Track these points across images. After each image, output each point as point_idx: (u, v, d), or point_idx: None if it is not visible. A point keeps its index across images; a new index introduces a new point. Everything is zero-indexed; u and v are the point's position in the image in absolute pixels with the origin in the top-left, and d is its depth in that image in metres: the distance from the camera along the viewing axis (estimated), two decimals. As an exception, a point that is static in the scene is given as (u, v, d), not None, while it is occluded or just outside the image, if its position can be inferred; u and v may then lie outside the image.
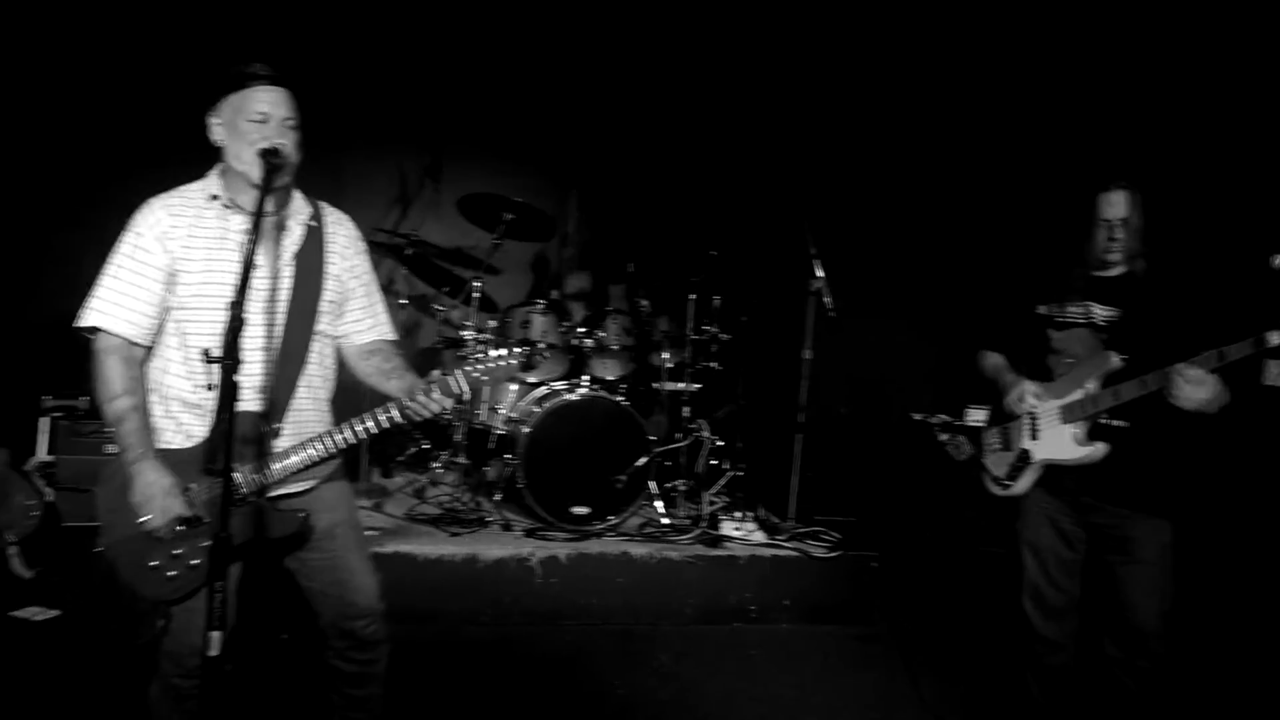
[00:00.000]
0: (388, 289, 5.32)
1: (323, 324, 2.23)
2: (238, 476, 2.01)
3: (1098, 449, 2.56)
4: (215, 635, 1.50)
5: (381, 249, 4.89)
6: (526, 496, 4.01)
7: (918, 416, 3.27)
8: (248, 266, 1.66)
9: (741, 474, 4.51)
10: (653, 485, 4.24)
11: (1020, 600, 2.78)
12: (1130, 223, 2.58)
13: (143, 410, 2.06)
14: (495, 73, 5.30)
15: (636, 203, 5.51)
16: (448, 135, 5.21)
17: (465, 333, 4.36)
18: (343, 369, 2.38)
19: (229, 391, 1.54)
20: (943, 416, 3.32)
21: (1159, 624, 2.55)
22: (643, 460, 4.10)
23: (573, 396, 4.10)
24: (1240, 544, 3.49)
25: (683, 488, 4.36)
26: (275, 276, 2.14)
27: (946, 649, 3.66)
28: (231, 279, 2.02)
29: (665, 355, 4.51)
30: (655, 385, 4.54)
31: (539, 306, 4.45)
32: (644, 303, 4.63)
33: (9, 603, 3.36)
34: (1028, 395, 2.70)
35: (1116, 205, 2.58)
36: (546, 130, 5.41)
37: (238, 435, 2.03)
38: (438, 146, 5.14)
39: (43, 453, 3.84)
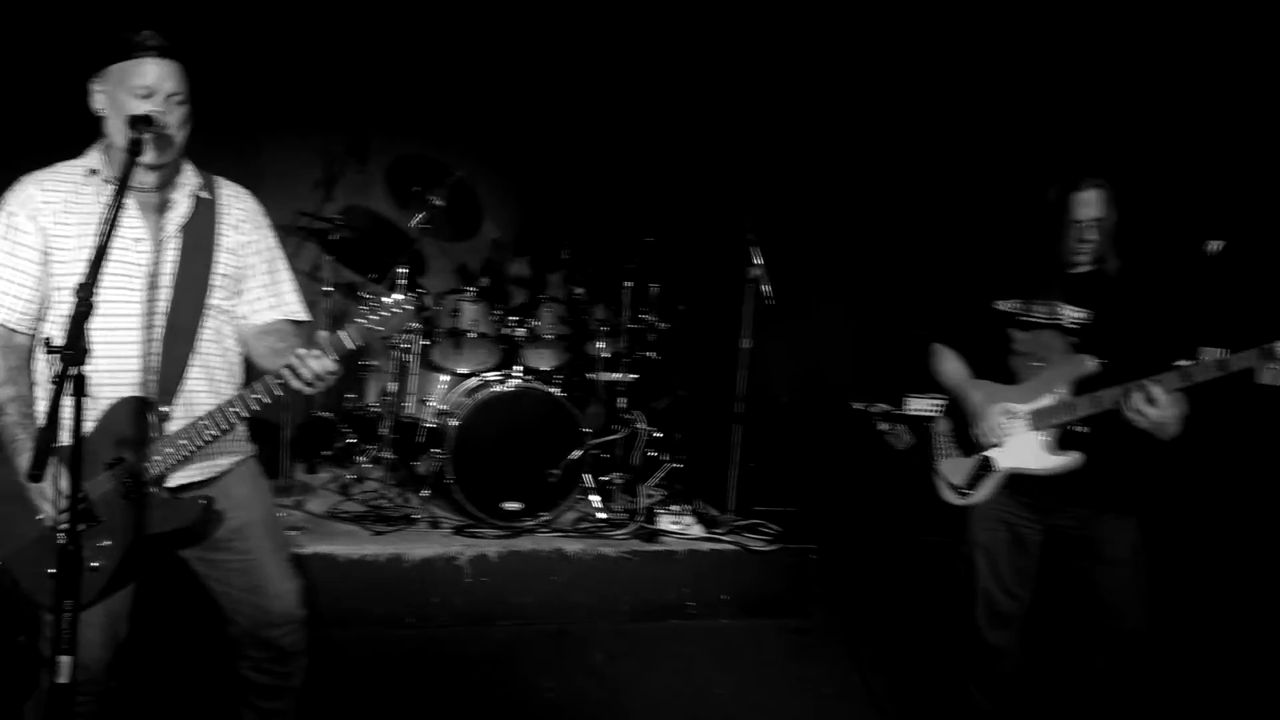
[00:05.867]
0: (312, 276, 5.11)
1: (216, 298, 2.06)
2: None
3: (1073, 458, 2.39)
4: (65, 661, 1.33)
5: (305, 234, 4.68)
6: (455, 492, 3.85)
7: (858, 406, 3.17)
8: (102, 246, 1.48)
9: (680, 466, 4.39)
10: (588, 479, 4.11)
11: (969, 606, 2.60)
12: (1103, 223, 2.40)
13: (25, 401, 1.90)
14: (429, 51, 5.09)
15: (572, 187, 5.36)
16: (377, 116, 5.00)
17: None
18: None
19: (77, 387, 1.35)
20: (882, 406, 3.22)
21: (1144, 626, 2.42)
22: (577, 453, 3.96)
23: (503, 387, 3.94)
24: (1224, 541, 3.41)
25: (619, 481, 4.22)
26: (158, 251, 1.98)
27: (887, 641, 3.61)
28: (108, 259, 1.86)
29: (600, 345, 4.36)
30: (590, 376, 4.40)
31: (469, 294, 4.27)
32: (579, 290, 4.48)
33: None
34: (1002, 426, 2.47)
35: (1090, 205, 2.39)
36: (480, 111, 5.21)
37: (119, 424, 1.87)
38: (365, 126, 4.92)
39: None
